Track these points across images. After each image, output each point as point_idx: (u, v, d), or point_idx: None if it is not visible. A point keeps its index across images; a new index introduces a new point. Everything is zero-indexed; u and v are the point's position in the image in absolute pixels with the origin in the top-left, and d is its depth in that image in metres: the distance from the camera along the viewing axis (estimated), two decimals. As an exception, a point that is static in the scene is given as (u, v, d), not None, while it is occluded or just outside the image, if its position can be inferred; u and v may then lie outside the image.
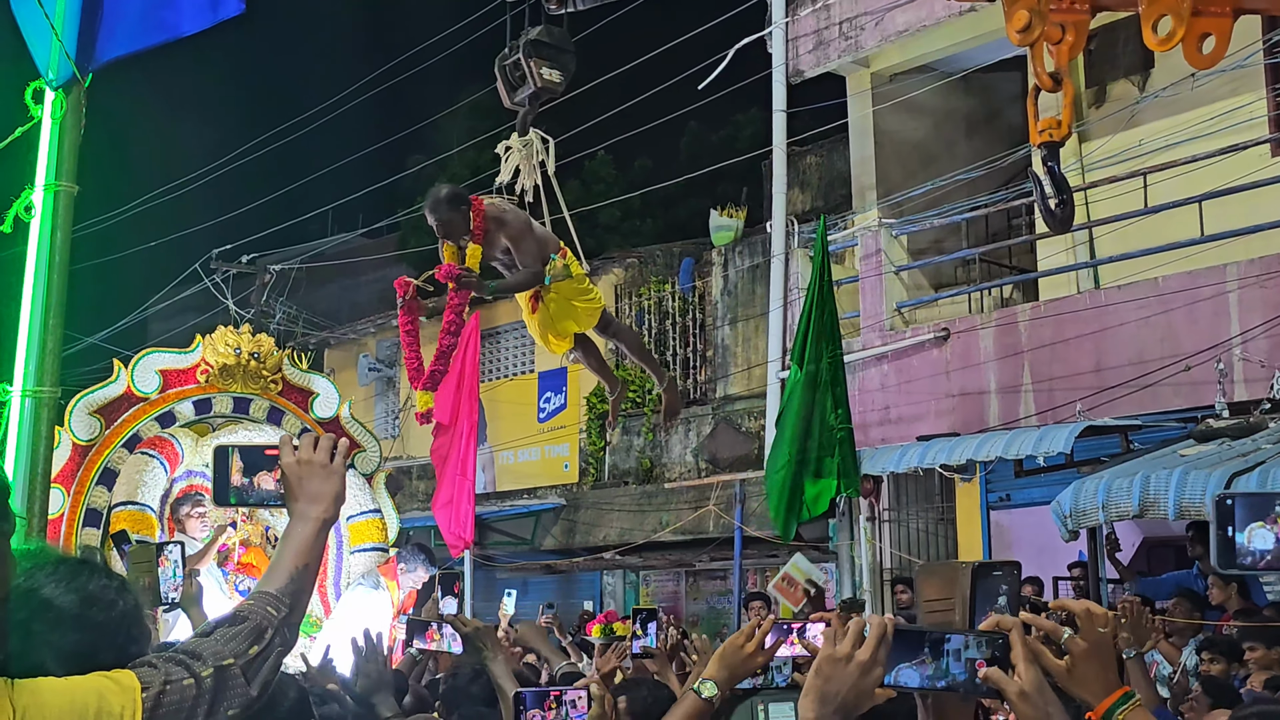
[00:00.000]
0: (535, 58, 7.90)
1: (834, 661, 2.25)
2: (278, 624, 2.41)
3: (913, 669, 2.25)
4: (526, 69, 7.93)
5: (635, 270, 19.47)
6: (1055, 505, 9.59)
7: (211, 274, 23.94)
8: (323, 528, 2.58)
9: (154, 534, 10.08)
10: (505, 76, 8.15)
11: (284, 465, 2.61)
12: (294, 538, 2.57)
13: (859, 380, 13.31)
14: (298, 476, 2.60)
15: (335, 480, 2.63)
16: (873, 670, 2.23)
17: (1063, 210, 5.32)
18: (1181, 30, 4.57)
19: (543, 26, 7.75)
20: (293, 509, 2.60)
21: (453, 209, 8.38)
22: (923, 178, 14.32)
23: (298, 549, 2.55)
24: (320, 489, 2.60)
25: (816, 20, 14.71)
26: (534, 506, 19.00)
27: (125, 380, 10.57)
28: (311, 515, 2.58)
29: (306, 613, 2.57)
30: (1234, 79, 11.58)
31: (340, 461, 2.65)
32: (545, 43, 7.87)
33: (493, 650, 4.23)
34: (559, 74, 8.07)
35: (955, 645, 2.24)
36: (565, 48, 8.01)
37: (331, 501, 2.60)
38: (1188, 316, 11.09)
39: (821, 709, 2.24)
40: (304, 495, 2.59)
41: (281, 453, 2.64)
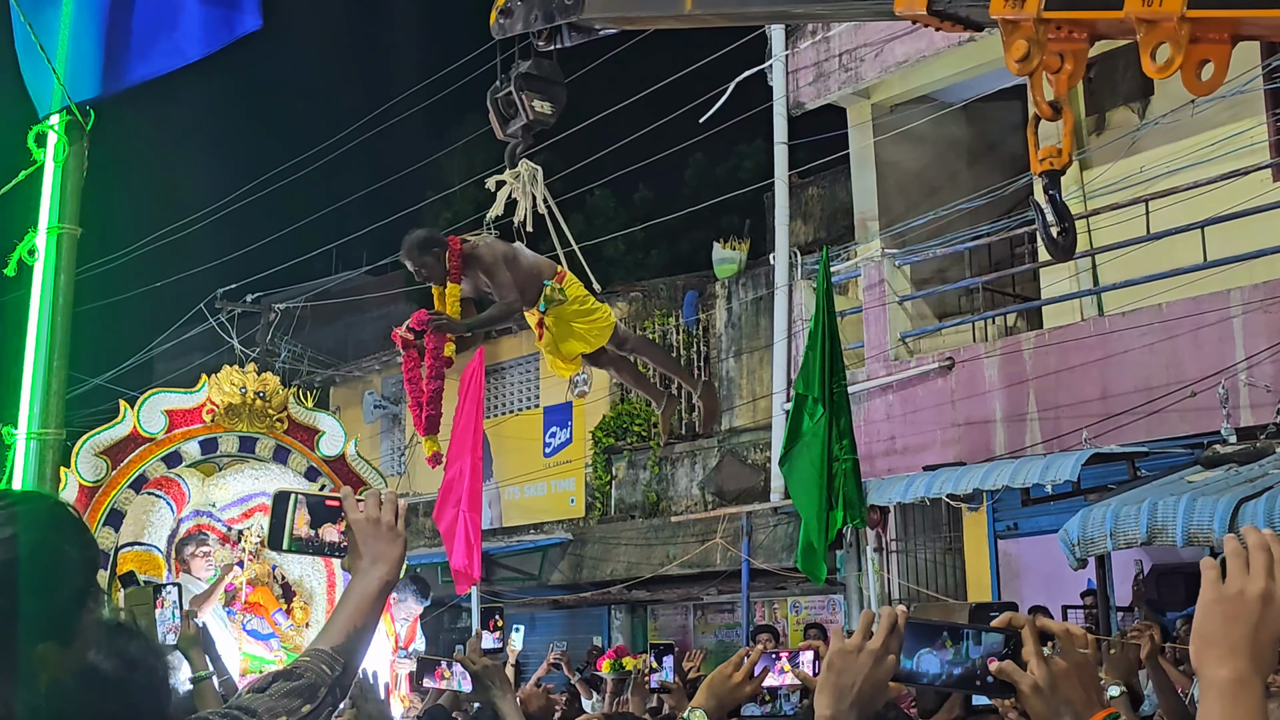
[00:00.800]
0: (526, 90, 7.97)
1: (845, 654, 2.21)
2: (330, 683, 2.40)
3: (933, 654, 2.20)
4: (518, 102, 8.00)
5: (639, 304, 19.48)
6: (1063, 534, 9.56)
7: (216, 313, 23.99)
8: (384, 589, 2.56)
9: (161, 574, 10.07)
10: (497, 109, 8.24)
11: (352, 522, 2.59)
12: (354, 596, 2.56)
13: (864, 411, 13.29)
14: (365, 535, 2.58)
15: (400, 543, 2.60)
16: (885, 660, 2.19)
17: (1065, 239, 5.32)
18: (1180, 58, 4.58)
19: (533, 60, 7.80)
20: (355, 566, 2.58)
21: (424, 253, 8.53)
22: (925, 207, 14.34)
23: (356, 608, 2.54)
24: (386, 550, 2.57)
25: (816, 52, 14.76)
26: (541, 542, 18.96)
27: (131, 421, 10.57)
28: (374, 575, 2.55)
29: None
30: (1234, 104, 11.61)
31: (402, 525, 2.62)
32: (536, 75, 7.94)
33: (501, 688, 4.21)
34: (550, 106, 8.13)
35: (972, 643, 2.20)
36: (556, 80, 8.08)
37: (395, 564, 2.58)
38: (1192, 342, 11.08)
39: (838, 705, 2.20)
40: (369, 554, 2.57)
41: (346, 508, 2.61)
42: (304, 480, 11.32)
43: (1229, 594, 1.85)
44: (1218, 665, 1.82)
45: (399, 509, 2.62)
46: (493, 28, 7.69)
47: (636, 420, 18.50)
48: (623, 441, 18.56)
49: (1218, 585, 1.87)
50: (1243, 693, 1.80)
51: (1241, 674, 1.80)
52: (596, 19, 7.00)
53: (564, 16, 7.09)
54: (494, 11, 7.63)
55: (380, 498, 2.63)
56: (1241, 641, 1.82)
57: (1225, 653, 1.82)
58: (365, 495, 2.64)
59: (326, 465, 11.53)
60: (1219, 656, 1.82)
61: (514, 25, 7.50)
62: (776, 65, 15.09)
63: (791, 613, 16.71)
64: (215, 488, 10.90)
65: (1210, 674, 1.83)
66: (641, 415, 18.49)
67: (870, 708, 2.22)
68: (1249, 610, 1.84)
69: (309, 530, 2.64)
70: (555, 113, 8.16)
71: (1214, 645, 1.83)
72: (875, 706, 2.23)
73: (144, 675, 2.31)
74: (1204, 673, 1.84)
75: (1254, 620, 1.83)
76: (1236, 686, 1.80)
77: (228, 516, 10.97)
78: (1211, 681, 1.82)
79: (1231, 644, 1.82)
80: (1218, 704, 1.80)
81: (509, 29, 7.52)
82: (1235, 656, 1.81)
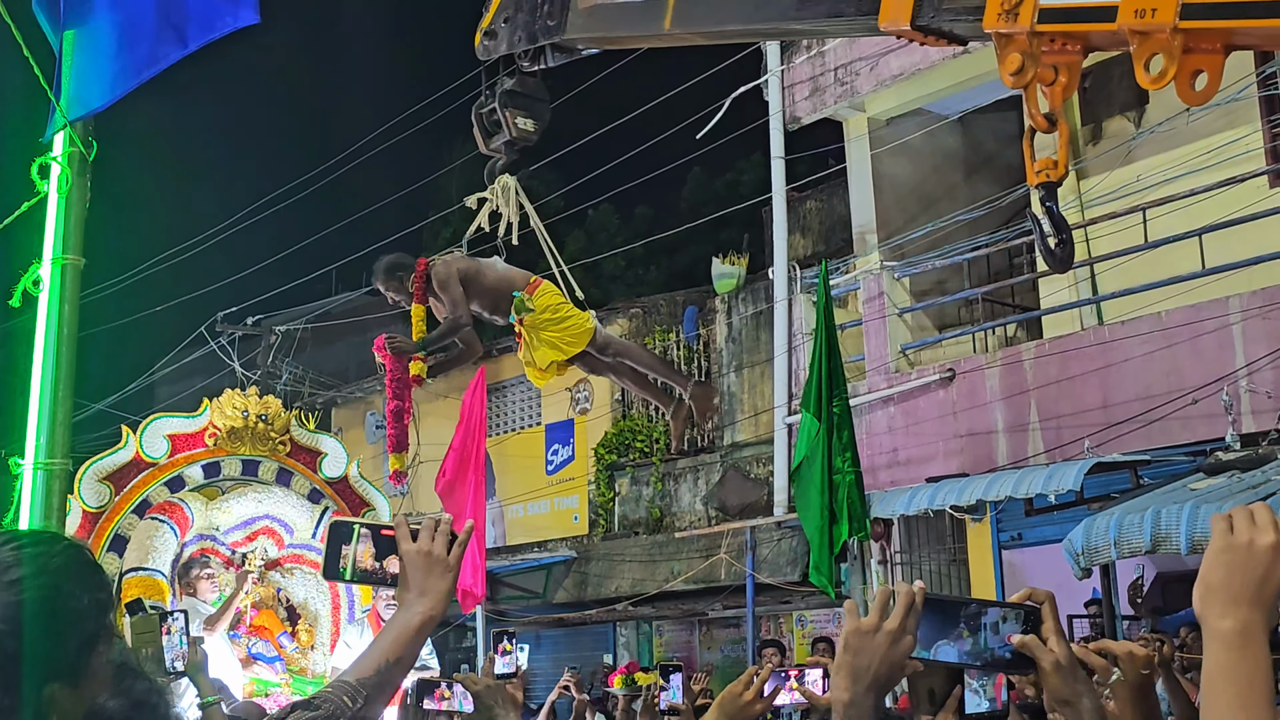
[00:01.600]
0: (510, 108, 8.08)
1: (861, 634, 2.16)
2: (350, 715, 2.37)
3: (950, 645, 2.17)
4: (501, 118, 8.12)
5: (639, 319, 19.50)
6: (1067, 543, 9.57)
7: (217, 336, 24.00)
8: (426, 623, 2.51)
9: (165, 599, 10.08)
10: (481, 124, 8.37)
11: (404, 553, 2.54)
12: (394, 629, 2.51)
13: (866, 423, 13.30)
14: (415, 567, 2.53)
15: (450, 578, 2.54)
16: (902, 639, 2.14)
17: (1063, 250, 5.33)
18: (1173, 68, 4.60)
19: (517, 77, 7.91)
20: (402, 598, 2.54)
21: (390, 277, 8.89)
22: (923, 219, 14.37)
23: (394, 641, 2.49)
24: (434, 584, 2.52)
25: (812, 67, 14.81)
26: (545, 559, 18.95)
27: (134, 446, 10.59)
28: (418, 609, 2.51)
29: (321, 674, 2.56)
30: (1229, 112, 11.64)
31: (457, 555, 2.56)
32: (519, 93, 8.05)
33: (504, 708, 4.20)
34: (533, 124, 8.25)
35: (993, 619, 2.17)
36: (540, 97, 8.20)
37: (442, 598, 2.53)
38: (1192, 350, 11.10)
39: (855, 686, 2.15)
40: (416, 587, 2.52)
41: (399, 538, 2.56)
42: (307, 502, 11.33)
43: (1237, 544, 1.83)
44: (1222, 615, 1.80)
45: (456, 538, 2.57)
46: (477, 50, 7.82)
47: (639, 436, 18.51)
48: (625, 458, 18.56)
49: (1227, 535, 1.85)
50: (1248, 644, 1.78)
51: (1247, 624, 1.79)
52: (578, 39, 7.09)
53: (546, 38, 7.17)
54: (478, 34, 7.75)
55: (435, 526, 2.57)
56: (1247, 591, 1.80)
57: (1229, 602, 1.80)
58: (423, 524, 2.58)
59: (329, 487, 11.54)
60: (1223, 606, 1.80)
61: (498, 47, 7.57)
62: (772, 80, 15.13)
63: (797, 626, 16.70)
64: (218, 511, 10.91)
65: (1215, 624, 1.80)
66: (643, 431, 18.49)
67: (888, 688, 2.17)
68: (1258, 561, 1.82)
69: (374, 563, 2.59)
70: (538, 130, 8.29)
71: (1219, 594, 1.81)
72: (893, 687, 2.18)
73: (148, 714, 2.32)
74: (1209, 623, 1.81)
75: (1262, 571, 1.82)
76: (1241, 638, 1.78)
77: (231, 540, 10.98)
78: (1216, 632, 1.80)
79: (1235, 593, 1.80)
80: (1223, 654, 1.78)
81: (494, 51, 7.65)
82: (1239, 606, 1.79)
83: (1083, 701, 2.16)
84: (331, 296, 28.20)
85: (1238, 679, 1.76)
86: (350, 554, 2.59)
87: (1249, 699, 1.74)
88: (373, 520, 2.67)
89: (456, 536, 2.57)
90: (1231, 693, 1.75)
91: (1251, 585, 1.81)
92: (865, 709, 2.15)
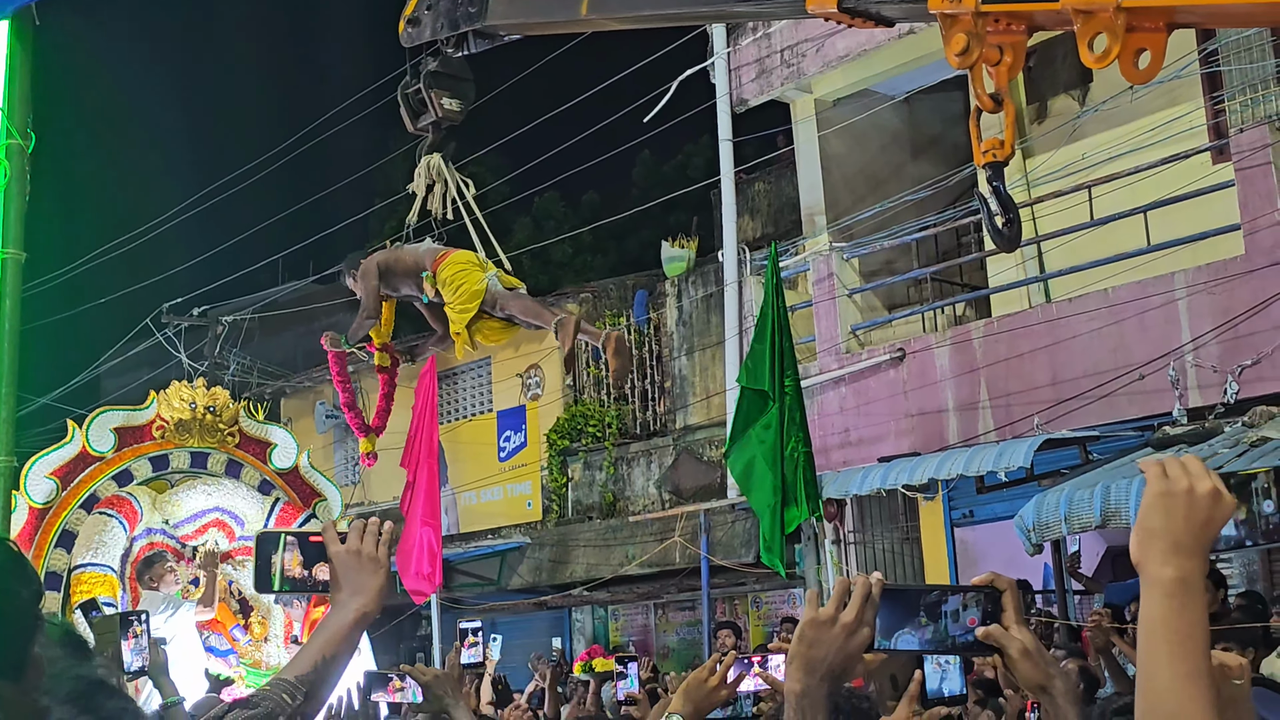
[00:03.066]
0: (435, 89, 8.20)
1: (818, 625, 2.14)
2: (290, 712, 2.38)
3: (911, 634, 2.15)
4: (427, 98, 8.25)
5: (589, 305, 19.46)
6: (1018, 519, 9.64)
7: (163, 328, 23.76)
8: (360, 620, 2.54)
9: (115, 594, 9.99)
10: (408, 104, 8.50)
11: (333, 555, 2.57)
12: (328, 628, 2.53)
13: (817, 404, 13.33)
14: (345, 568, 2.56)
15: (381, 574, 2.58)
16: (858, 631, 2.12)
17: (1010, 229, 5.36)
18: (1117, 47, 4.63)
19: (440, 58, 8.01)
20: (334, 599, 2.56)
21: (348, 275, 9.42)
22: (871, 200, 14.40)
23: (329, 639, 2.52)
24: (365, 582, 2.56)
25: (758, 49, 14.80)
26: (499, 546, 18.90)
27: (80, 440, 10.49)
28: (352, 607, 2.54)
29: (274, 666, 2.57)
30: (1172, 89, 11.73)
31: (385, 553, 2.59)
32: (444, 74, 8.16)
33: (454, 698, 4.19)
34: (458, 103, 8.40)
35: (953, 606, 2.15)
36: (464, 77, 8.34)
37: (375, 595, 2.57)
38: (1139, 326, 11.19)
39: (808, 678, 2.13)
40: (348, 586, 2.55)
41: (327, 540, 2.59)
42: (257, 494, 11.25)
43: (1177, 489, 1.80)
44: (1163, 563, 1.77)
45: (382, 536, 2.60)
46: (401, 37, 8.00)
47: (591, 421, 18.49)
48: (577, 443, 18.54)
49: (1164, 480, 1.81)
50: (1189, 593, 1.76)
51: (1186, 573, 1.76)
52: (499, 26, 7.21)
53: (468, 24, 7.33)
54: (402, 21, 7.89)
55: (364, 528, 2.60)
56: (1187, 538, 1.78)
57: (1170, 550, 1.77)
58: (351, 526, 2.61)
59: (280, 478, 11.48)
60: (1163, 554, 1.77)
61: (422, 34, 7.77)
62: (719, 62, 15.11)
63: (753, 608, 16.76)
64: (168, 505, 10.82)
65: (1155, 572, 1.77)
66: (595, 416, 18.47)
67: (843, 680, 2.16)
68: (1199, 507, 1.79)
69: (303, 570, 2.62)
70: (463, 109, 8.45)
71: (1159, 541, 1.78)
72: (848, 679, 2.17)
73: None
74: (1148, 570, 1.78)
75: (1202, 517, 1.79)
76: (1181, 585, 1.76)
77: (181, 533, 10.89)
78: (1156, 580, 1.77)
79: (1176, 540, 1.77)
80: (1162, 603, 1.76)
81: (417, 38, 7.84)
82: (1179, 554, 1.77)
83: (1055, 684, 2.15)
84: (278, 286, 28.01)
85: (1177, 628, 1.74)
86: (279, 563, 2.61)
87: (1188, 648, 1.73)
88: (326, 519, 2.68)
89: (383, 536, 2.60)
90: (1172, 641, 1.73)
91: (1192, 531, 1.79)
92: (818, 699, 2.14)
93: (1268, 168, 10.58)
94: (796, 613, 15.07)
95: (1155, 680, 1.74)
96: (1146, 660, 1.75)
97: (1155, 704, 1.73)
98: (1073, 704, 2.17)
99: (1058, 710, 2.16)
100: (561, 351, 8.68)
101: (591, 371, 18.95)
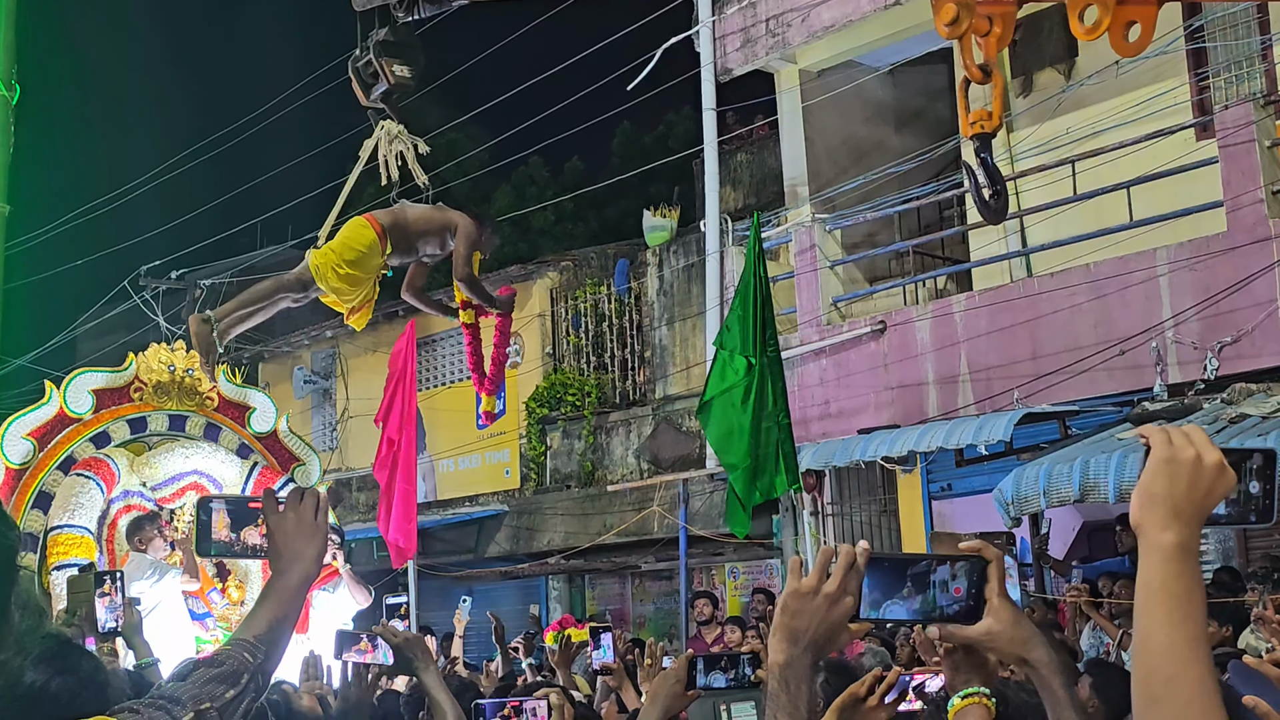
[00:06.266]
0: (385, 57, 8.28)
1: (800, 596, 2.12)
2: (253, 669, 2.45)
3: (899, 604, 2.13)
4: (378, 68, 8.33)
5: (570, 273, 19.43)
6: (997, 493, 9.66)
7: (141, 290, 23.64)
8: (303, 584, 2.62)
9: (92, 556, 9.95)
10: (359, 77, 8.60)
11: (270, 523, 2.64)
12: (274, 591, 2.61)
13: (798, 376, 13.34)
14: (284, 534, 2.63)
15: (319, 540, 2.66)
16: (841, 601, 2.10)
17: (997, 201, 5.36)
18: (1108, 19, 4.62)
19: (389, 27, 8.10)
20: (275, 565, 2.64)
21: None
22: (854, 172, 14.39)
23: (277, 601, 2.59)
24: (303, 548, 2.63)
25: (743, 18, 14.74)
26: (477, 514, 18.91)
27: (58, 402, 10.42)
28: (294, 572, 2.62)
29: None
30: (1157, 65, 11.72)
31: (324, 520, 2.68)
32: (393, 42, 8.23)
33: (424, 661, 4.19)
34: (409, 69, 8.51)
35: (942, 576, 2.14)
36: (413, 44, 8.43)
37: (314, 560, 2.64)
38: (1120, 301, 11.21)
39: (791, 648, 2.11)
40: (287, 553, 2.62)
41: (265, 509, 2.67)
42: (236, 457, 11.21)
43: (1183, 457, 1.81)
44: (1163, 528, 1.78)
45: (320, 502, 2.68)
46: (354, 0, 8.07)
47: (570, 390, 18.47)
48: (556, 411, 18.53)
49: (1169, 447, 1.82)
50: (1187, 559, 1.77)
51: (1185, 540, 1.78)
52: None
53: None
54: None
55: (301, 495, 2.68)
56: (1189, 506, 1.79)
57: (1171, 515, 1.78)
58: (289, 493, 2.70)
59: (258, 442, 11.43)
60: (1164, 519, 1.78)
61: None
62: (703, 31, 15.04)
63: (729, 578, 16.79)
64: (146, 467, 10.77)
65: (1155, 537, 1.78)
66: (575, 385, 18.46)
67: (826, 650, 2.14)
68: (1204, 476, 1.80)
69: (229, 534, 2.69)
70: (415, 76, 8.56)
71: (1161, 506, 1.79)
72: (832, 649, 2.15)
73: (96, 690, 2.38)
74: (1147, 534, 1.79)
75: (1206, 486, 1.80)
76: (1181, 551, 1.77)
77: (159, 496, 10.84)
78: (1155, 544, 1.78)
79: (1177, 506, 1.78)
80: (1161, 568, 1.77)
81: (368, 2, 7.90)
82: (1179, 521, 1.78)
83: (1035, 653, 2.15)
84: (256, 250, 27.86)
85: (1175, 592, 1.75)
86: (208, 527, 2.69)
87: (1186, 611, 1.74)
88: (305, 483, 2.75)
89: (319, 502, 2.69)
90: (1170, 605, 1.75)
91: (1194, 500, 1.80)
92: (802, 669, 2.12)
93: (1251, 145, 10.58)
94: (772, 584, 15.12)
95: (1153, 642, 1.75)
96: (1144, 623, 1.77)
97: (1153, 666, 1.74)
98: (1057, 673, 2.17)
99: (1042, 681, 2.15)
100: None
101: (571, 340, 18.93)
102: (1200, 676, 1.72)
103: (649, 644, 5.18)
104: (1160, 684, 1.72)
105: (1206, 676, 1.72)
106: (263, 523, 2.67)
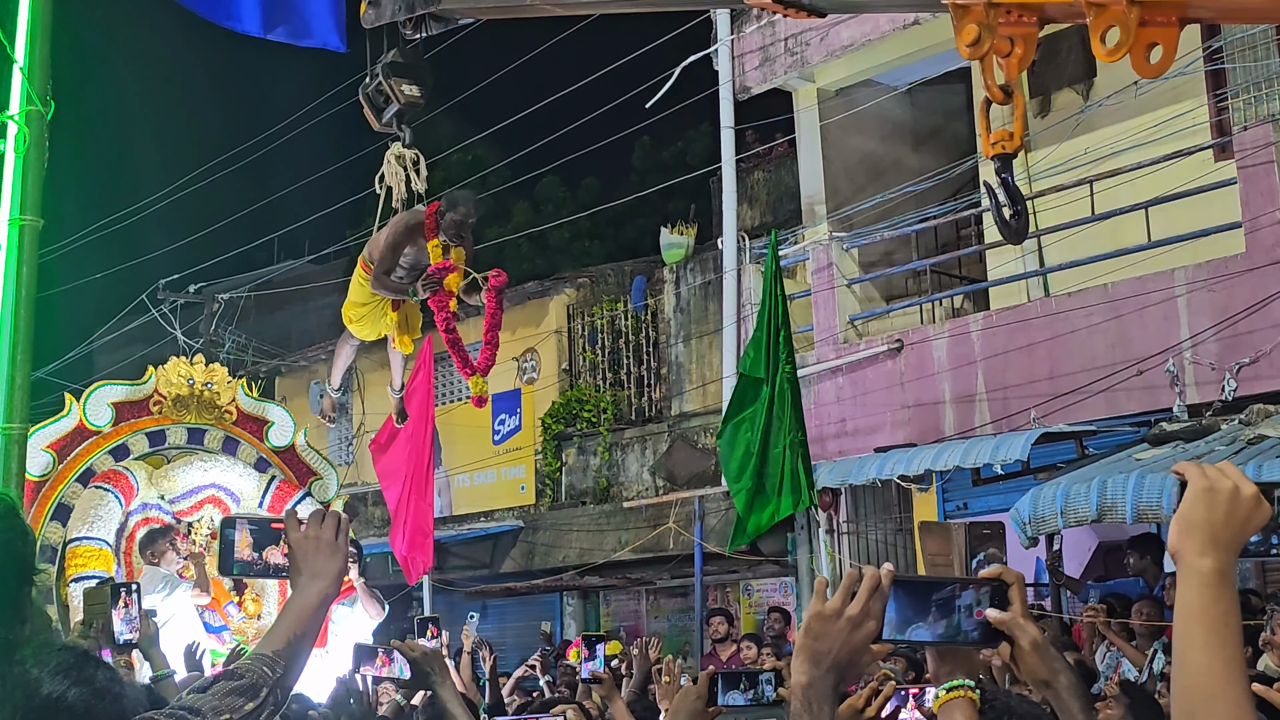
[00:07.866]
0: (394, 77, 8.45)
1: (823, 618, 2.12)
2: (272, 684, 2.49)
3: (925, 627, 2.15)
4: (388, 89, 8.49)
5: (587, 290, 19.46)
6: (1013, 512, 9.65)
7: (159, 304, 23.72)
8: (323, 602, 2.67)
9: (110, 569, 9.99)
10: (370, 102, 8.76)
11: (291, 541, 2.70)
12: (294, 608, 2.66)
13: (814, 394, 13.35)
14: (304, 553, 2.69)
15: (339, 558, 2.71)
16: (864, 624, 2.10)
17: (1018, 221, 5.35)
18: (1129, 41, 4.62)
19: (397, 48, 8.27)
20: (295, 582, 2.69)
21: None
22: (872, 191, 14.40)
23: (297, 618, 2.64)
24: (324, 566, 2.69)
25: (762, 36, 14.78)
26: (492, 529, 18.91)
27: (77, 414, 10.48)
28: (314, 590, 2.67)
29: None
30: (1176, 86, 11.72)
31: (344, 540, 2.73)
32: (401, 63, 8.40)
33: (440, 675, 4.21)
34: (418, 89, 8.67)
35: (966, 601, 2.16)
36: (420, 64, 8.58)
37: (334, 579, 2.70)
38: (1138, 321, 11.20)
39: (814, 670, 2.11)
40: (308, 571, 2.68)
41: (287, 528, 2.72)
42: (254, 471, 11.25)
43: (1222, 487, 1.88)
44: (1200, 554, 1.84)
45: (340, 524, 2.74)
46: (363, 18, 8.35)
47: (586, 406, 18.48)
48: (572, 428, 18.53)
49: (1206, 477, 1.89)
50: (1225, 585, 1.83)
51: (1223, 566, 1.84)
52: (454, 9, 7.37)
53: (424, 7, 7.48)
54: (363, 3, 8.14)
55: (322, 515, 2.74)
56: (1226, 533, 1.85)
57: (1209, 542, 1.84)
58: (310, 514, 2.75)
59: (276, 456, 11.48)
60: (1202, 545, 1.84)
61: (382, 15, 7.94)
62: (722, 49, 15.09)
63: (744, 596, 16.77)
64: (164, 480, 10.82)
65: (1193, 562, 1.84)
66: (590, 401, 18.47)
67: (850, 672, 2.14)
68: (1242, 507, 1.87)
69: (251, 553, 2.75)
70: (424, 95, 8.75)
71: (1200, 532, 1.85)
72: (855, 670, 2.15)
73: (112, 702, 2.42)
74: (1185, 560, 1.85)
75: (1243, 515, 1.87)
76: (1219, 577, 1.83)
77: (177, 509, 10.89)
78: (1194, 569, 1.84)
79: (1215, 534, 1.84)
80: (1200, 593, 1.82)
81: (378, 19, 8.19)
82: (1218, 548, 1.84)
83: (1060, 679, 2.17)
84: (274, 265, 27.95)
85: (1214, 617, 1.81)
86: (232, 547, 2.75)
87: (1223, 635, 1.79)
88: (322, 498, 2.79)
89: (341, 523, 2.74)
90: (1208, 629, 1.80)
91: (1233, 528, 1.86)
92: (824, 690, 2.12)
93: (1270, 166, 10.59)
94: (787, 601, 15.10)
95: (1191, 665, 1.80)
96: (1182, 646, 1.82)
97: (1191, 688, 1.79)
98: (1076, 697, 2.20)
99: (1061, 704, 2.18)
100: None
101: (587, 356, 18.96)
102: (1237, 698, 1.77)
103: (666, 661, 5.20)
104: (1199, 704, 1.77)
105: (1243, 698, 1.77)
106: (284, 543, 2.72)
